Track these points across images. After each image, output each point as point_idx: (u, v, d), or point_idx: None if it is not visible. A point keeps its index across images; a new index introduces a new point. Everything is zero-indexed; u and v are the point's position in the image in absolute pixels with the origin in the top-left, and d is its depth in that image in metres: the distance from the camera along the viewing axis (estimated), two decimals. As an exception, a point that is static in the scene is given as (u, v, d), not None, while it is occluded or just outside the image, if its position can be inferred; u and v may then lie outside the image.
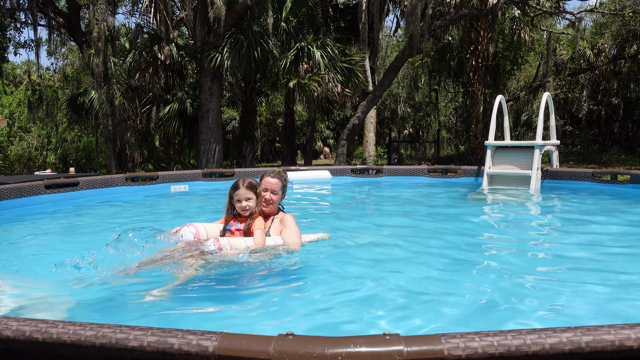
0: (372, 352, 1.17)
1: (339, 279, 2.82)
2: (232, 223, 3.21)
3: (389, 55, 24.21)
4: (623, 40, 18.61)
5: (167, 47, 14.63)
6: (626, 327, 1.23)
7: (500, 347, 1.18)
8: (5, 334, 1.32)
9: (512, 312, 2.32)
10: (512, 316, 2.27)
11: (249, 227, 3.12)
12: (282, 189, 3.34)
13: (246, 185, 3.15)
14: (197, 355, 1.20)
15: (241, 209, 3.15)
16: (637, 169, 10.09)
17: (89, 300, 2.50)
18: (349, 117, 16.17)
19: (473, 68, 15.97)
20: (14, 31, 16.40)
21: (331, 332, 2.06)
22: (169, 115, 13.59)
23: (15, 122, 20.51)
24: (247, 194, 3.13)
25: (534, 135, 16.37)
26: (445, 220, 4.99)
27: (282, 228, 3.27)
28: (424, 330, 2.08)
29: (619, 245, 3.75)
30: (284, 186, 3.35)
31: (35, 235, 4.40)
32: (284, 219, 3.30)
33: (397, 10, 19.00)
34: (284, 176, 3.37)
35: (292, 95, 12.74)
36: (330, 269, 3.00)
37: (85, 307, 2.41)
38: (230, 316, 2.30)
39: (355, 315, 2.26)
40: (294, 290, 2.63)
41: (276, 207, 3.36)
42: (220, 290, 2.61)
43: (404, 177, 8.91)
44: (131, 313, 2.33)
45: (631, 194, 6.75)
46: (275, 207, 3.35)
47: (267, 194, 3.26)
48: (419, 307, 2.37)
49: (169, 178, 7.87)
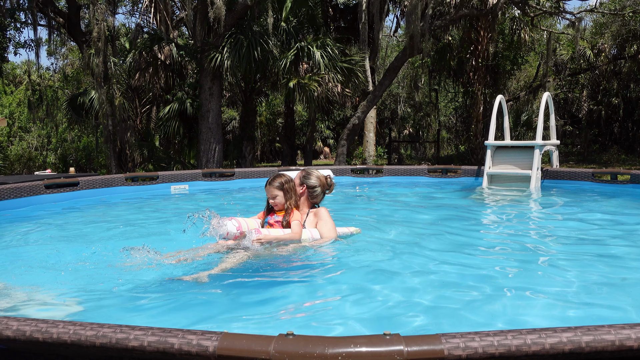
0: (372, 352, 1.17)
1: (339, 279, 2.82)
2: (270, 217, 3.45)
3: (389, 55, 24.21)
4: (623, 40, 18.61)
5: (167, 47, 14.63)
6: (626, 327, 1.23)
7: (500, 347, 1.18)
8: (6, 333, 1.32)
9: (512, 311, 2.33)
10: (513, 316, 2.28)
11: (286, 221, 3.36)
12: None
13: (272, 183, 3.39)
14: (197, 355, 1.20)
15: (272, 204, 3.43)
16: (637, 169, 10.09)
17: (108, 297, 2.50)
18: (349, 117, 16.17)
19: (473, 68, 15.97)
20: (14, 31, 16.40)
21: (331, 332, 2.06)
22: (169, 115, 13.59)
23: (15, 122, 20.51)
24: (273, 191, 3.38)
25: (534, 135, 16.37)
26: (445, 220, 4.99)
27: (317, 221, 3.49)
28: (424, 330, 2.08)
29: (619, 245, 3.75)
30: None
31: (35, 235, 4.40)
32: (319, 212, 3.54)
33: (397, 10, 19.02)
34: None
35: (292, 95, 12.74)
36: (330, 268, 3.00)
37: (99, 307, 2.41)
38: (231, 316, 2.30)
39: (355, 315, 2.26)
40: (294, 290, 2.63)
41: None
42: (220, 290, 2.61)
43: (404, 177, 8.91)
44: (133, 311, 2.33)
45: (631, 194, 6.75)
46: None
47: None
48: (419, 307, 2.37)
49: (169, 178, 7.88)
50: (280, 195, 3.37)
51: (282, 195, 3.38)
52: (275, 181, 3.39)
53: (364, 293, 2.58)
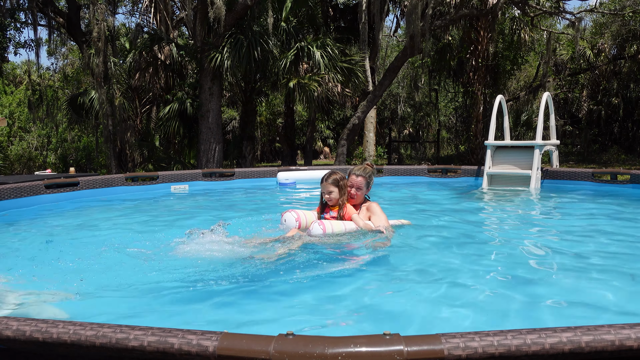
0: (372, 352, 1.17)
1: (338, 279, 2.82)
2: (325, 212, 3.72)
3: (389, 55, 24.21)
4: (623, 40, 18.60)
5: (167, 47, 14.63)
6: (626, 327, 1.23)
7: (500, 346, 1.18)
8: (6, 333, 1.32)
9: (512, 311, 2.33)
10: (513, 316, 2.28)
11: (341, 215, 3.63)
12: (366, 185, 3.78)
13: (328, 180, 3.63)
14: (197, 355, 1.20)
15: (327, 199, 3.68)
16: (637, 169, 10.09)
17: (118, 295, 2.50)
18: (349, 117, 16.16)
19: (473, 68, 15.97)
20: (14, 31, 16.40)
21: (331, 332, 2.06)
22: (169, 115, 13.59)
23: (15, 122, 20.50)
24: (328, 187, 3.63)
25: (534, 135, 16.37)
26: (445, 220, 4.99)
27: (370, 215, 3.73)
28: (424, 330, 2.08)
29: (618, 245, 3.75)
30: (368, 182, 3.78)
31: (35, 235, 4.40)
32: (371, 207, 3.78)
33: (397, 10, 19.00)
34: (369, 172, 3.81)
35: (292, 95, 12.74)
36: (330, 268, 3.00)
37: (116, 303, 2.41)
38: (231, 316, 2.30)
39: (355, 315, 2.26)
40: (294, 290, 2.62)
41: (361, 199, 3.81)
42: (221, 289, 2.61)
43: (404, 177, 8.91)
44: (133, 312, 2.33)
45: (631, 194, 6.75)
46: (360, 199, 3.80)
47: (353, 190, 3.72)
48: (419, 307, 2.37)
49: (169, 178, 7.88)
50: (336, 192, 3.62)
51: (337, 191, 3.62)
52: (331, 178, 3.63)
53: (364, 293, 2.58)
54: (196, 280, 2.70)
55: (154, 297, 2.52)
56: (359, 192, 3.74)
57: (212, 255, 3.15)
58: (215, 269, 2.91)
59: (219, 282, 2.68)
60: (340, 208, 3.65)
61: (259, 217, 4.76)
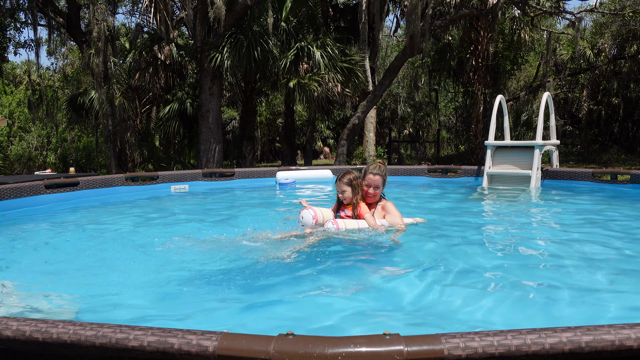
0: (372, 352, 1.17)
1: (338, 279, 2.82)
2: (341, 211, 3.85)
3: (389, 55, 24.21)
4: (623, 40, 18.60)
5: (167, 47, 14.62)
6: (626, 327, 1.23)
7: (500, 347, 1.18)
8: (5, 334, 1.32)
9: (512, 311, 2.32)
10: (513, 315, 2.27)
11: (356, 214, 3.74)
12: (383, 183, 3.87)
13: (342, 179, 3.76)
14: (197, 355, 1.20)
15: (341, 198, 3.81)
16: (637, 169, 10.09)
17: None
18: (349, 117, 16.16)
19: (473, 68, 15.97)
20: (14, 31, 16.39)
21: (331, 332, 2.06)
22: (169, 115, 13.59)
23: (15, 122, 20.51)
24: (342, 187, 3.75)
25: (534, 135, 16.37)
26: (445, 219, 4.99)
27: (385, 213, 3.85)
28: (424, 330, 2.08)
29: (618, 244, 3.75)
30: (384, 180, 3.87)
31: (35, 235, 4.40)
32: (386, 206, 3.89)
33: (397, 10, 19.00)
34: (384, 170, 3.89)
35: (292, 95, 12.74)
36: (332, 268, 2.99)
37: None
38: (231, 316, 2.30)
39: (355, 315, 2.26)
40: (294, 290, 2.62)
41: (378, 197, 3.92)
42: (221, 289, 2.61)
43: (404, 177, 8.91)
44: (133, 311, 2.33)
45: (631, 194, 6.75)
46: (377, 197, 3.91)
47: (371, 189, 3.81)
48: (419, 307, 2.37)
49: (169, 178, 7.88)
50: (349, 191, 3.74)
51: (350, 190, 3.74)
52: (345, 177, 3.75)
53: (364, 293, 2.58)
54: (196, 280, 2.70)
55: (154, 297, 2.52)
56: (377, 191, 3.84)
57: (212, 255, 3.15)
58: (215, 269, 2.91)
59: (219, 282, 2.68)
60: (355, 207, 3.76)
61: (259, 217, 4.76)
